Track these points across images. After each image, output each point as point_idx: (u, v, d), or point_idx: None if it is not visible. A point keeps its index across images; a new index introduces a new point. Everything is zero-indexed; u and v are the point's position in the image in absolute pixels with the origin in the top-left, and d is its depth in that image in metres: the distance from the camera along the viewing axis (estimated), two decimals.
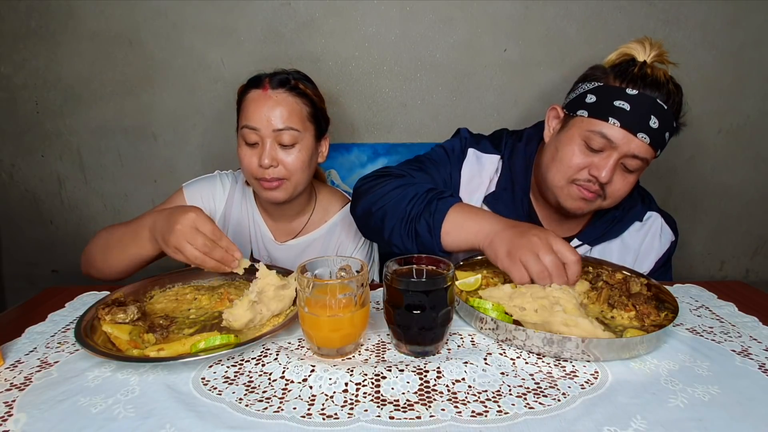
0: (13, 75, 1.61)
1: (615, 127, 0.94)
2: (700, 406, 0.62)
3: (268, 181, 1.10)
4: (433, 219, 0.93)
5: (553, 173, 1.04)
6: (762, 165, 1.74)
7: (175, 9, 1.55)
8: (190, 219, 0.86)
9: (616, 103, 0.94)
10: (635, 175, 1.00)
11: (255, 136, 1.09)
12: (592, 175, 0.98)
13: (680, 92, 0.97)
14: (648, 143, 0.94)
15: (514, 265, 0.82)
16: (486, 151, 1.16)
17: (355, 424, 0.58)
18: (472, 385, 0.66)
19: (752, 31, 1.59)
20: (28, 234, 1.76)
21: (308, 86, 1.15)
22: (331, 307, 0.70)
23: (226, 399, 0.63)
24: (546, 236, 0.83)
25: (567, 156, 1.00)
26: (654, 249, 1.13)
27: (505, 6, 1.56)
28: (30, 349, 0.76)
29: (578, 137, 0.99)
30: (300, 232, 1.25)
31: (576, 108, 1.00)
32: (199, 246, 0.85)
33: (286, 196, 1.13)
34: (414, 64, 1.61)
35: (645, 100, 0.93)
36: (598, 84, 0.98)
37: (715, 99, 1.66)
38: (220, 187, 1.23)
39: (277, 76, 1.12)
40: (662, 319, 0.80)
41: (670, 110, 0.94)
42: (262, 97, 1.09)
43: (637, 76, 0.95)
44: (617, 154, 0.96)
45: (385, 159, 1.68)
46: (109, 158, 1.69)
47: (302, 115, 1.11)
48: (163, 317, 0.84)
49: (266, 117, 1.08)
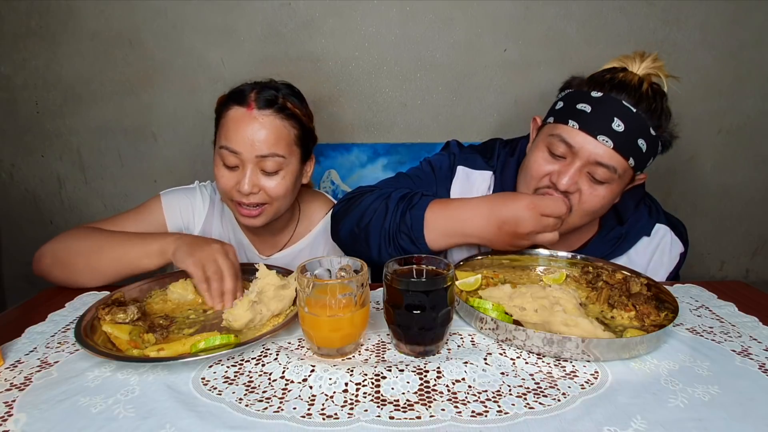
0: (13, 75, 1.61)
1: (574, 129, 0.90)
2: (700, 406, 0.62)
3: (246, 206, 1.02)
4: (412, 232, 0.91)
5: (521, 184, 1.01)
6: (762, 165, 1.74)
7: (175, 9, 1.55)
8: (231, 249, 0.91)
9: (579, 105, 0.91)
10: (607, 188, 0.92)
11: (235, 159, 0.99)
12: (552, 182, 0.93)
13: (660, 98, 0.91)
14: (612, 147, 0.88)
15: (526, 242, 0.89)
16: (476, 167, 1.11)
17: (355, 424, 0.58)
18: (472, 385, 0.66)
19: (752, 31, 1.59)
20: (28, 234, 1.76)
21: (297, 105, 1.05)
22: (331, 307, 0.70)
23: (226, 399, 0.63)
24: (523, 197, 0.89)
25: (530, 164, 0.97)
26: (664, 265, 1.07)
27: (505, 6, 1.56)
28: (30, 349, 0.76)
29: (542, 144, 0.96)
30: (285, 245, 1.20)
31: (547, 116, 0.99)
32: (222, 266, 0.87)
33: (266, 222, 1.06)
34: (414, 64, 1.61)
35: (608, 101, 0.88)
36: (568, 90, 0.96)
37: (715, 99, 1.66)
38: (200, 200, 1.16)
39: (263, 93, 1.01)
40: (662, 319, 0.80)
41: (640, 114, 0.88)
42: (245, 117, 0.98)
43: (604, 79, 0.91)
44: (579, 161, 0.91)
45: (385, 159, 1.68)
46: (109, 158, 1.69)
47: (289, 140, 1.02)
48: (163, 317, 0.84)
49: (249, 141, 0.97)
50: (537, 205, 0.88)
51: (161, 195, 1.15)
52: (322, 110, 1.64)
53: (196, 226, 1.16)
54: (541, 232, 0.89)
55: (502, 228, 0.89)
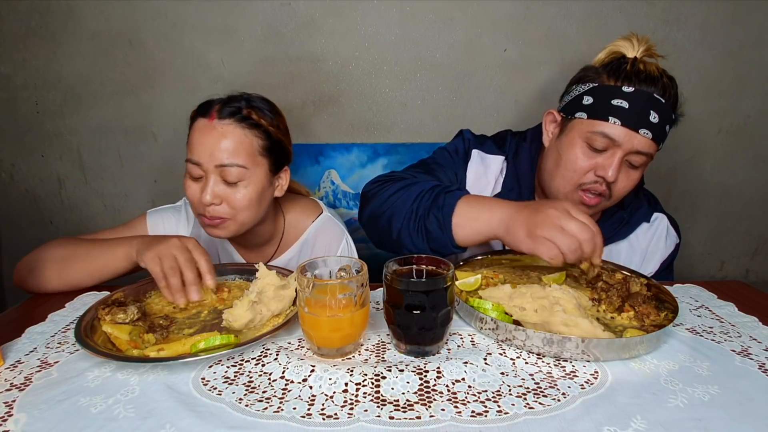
0: (13, 75, 1.61)
1: (616, 126, 0.94)
2: (700, 406, 0.62)
3: (208, 218, 1.02)
4: (442, 214, 0.91)
5: (558, 180, 1.02)
6: (762, 165, 1.74)
7: (175, 9, 1.55)
8: (190, 241, 0.88)
9: (614, 102, 0.94)
10: (639, 171, 0.99)
11: (198, 170, 1.00)
12: (599, 175, 0.97)
13: (674, 84, 0.97)
14: (650, 138, 0.94)
15: (540, 245, 0.79)
16: (490, 152, 1.15)
17: (355, 424, 0.58)
18: (472, 385, 0.66)
19: (752, 31, 1.59)
20: (28, 234, 1.76)
21: (264, 116, 1.04)
22: (331, 307, 0.70)
23: (226, 399, 0.63)
24: (562, 206, 0.81)
25: (571, 160, 0.99)
26: (660, 250, 1.14)
27: (505, 6, 1.56)
28: (30, 349, 0.76)
29: (580, 140, 0.98)
30: (273, 256, 1.20)
31: (574, 111, 1.00)
32: (180, 259, 0.85)
33: (229, 235, 1.05)
34: (414, 64, 1.61)
35: (642, 96, 0.93)
36: (593, 85, 0.98)
37: (715, 99, 1.66)
38: (184, 217, 1.17)
39: (228, 104, 1.01)
40: (662, 319, 0.80)
41: (668, 103, 0.95)
42: (206, 127, 0.99)
43: (631, 73, 0.95)
44: (621, 151, 0.95)
45: (385, 159, 1.68)
46: (109, 158, 1.69)
47: (251, 150, 1.01)
48: (163, 317, 0.84)
49: (209, 150, 0.98)
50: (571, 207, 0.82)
51: (147, 214, 1.15)
52: (322, 110, 1.64)
53: None
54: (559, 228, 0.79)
55: (529, 207, 0.85)
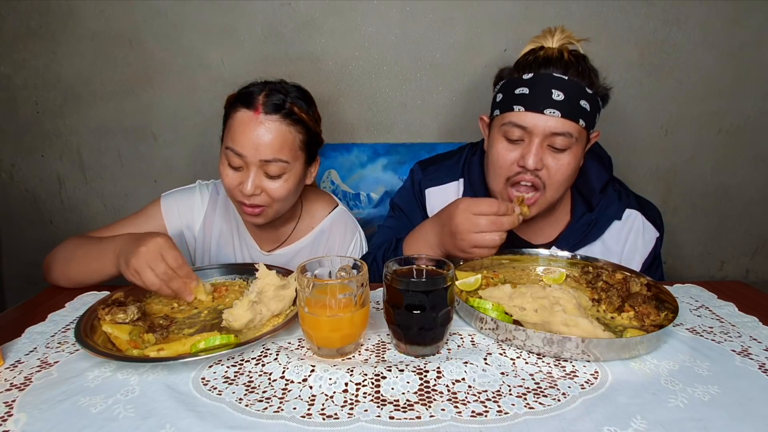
0: (13, 75, 1.61)
1: (521, 112, 0.96)
2: (700, 406, 0.62)
3: (248, 206, 1.04)
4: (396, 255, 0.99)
5: (491, 179, 1.06)
6: (762, 165, 1.74)
7: (175, 9, 1.55)
8: (156, 244, 0.86)
9: (517, 91, 0.97)
10: (569, 154, 0.98)
11: (239, 161, 1.01)
12: (521, 165, 0.98)
13: (582, 60, 0.97)
14: (560, 116, 0.94)
15: (473, 254, 0.92)
16: (443, 181, 1.19)
17: (355, 424, 0.58)
18: (472, 385, 0.66)
19: (752, 31, 1.59)
20: (28, 234, 1.76)
21: (305, 109, 1.05)
22: (331, 307, 0.70)
23: (226, 399, 0.63)
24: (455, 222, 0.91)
25: (494, 156, 1.02)
26: (638, 250, 1.11)
27: (505, 6, 1.56)
28: (30, 349, 0.76)
29: (499, 135, 1.01)
30: (286, 240, 1.21)
31: (492, 110, 1.05)
32: (159, 273, 0.85)
33: (267, 221, 1.08)
34: (414, 64, 1.61)
35: (542, 79, 0.95)
36: (502, 82, 1.02)
37: (715, 99, 1.66)
38: (198, 199, 1.19)
39: (272, 97, 1.01)
40: (662, 319, 0.80)
41: (574, 79, 0.95)
42: (252, 121, 0.99)
43: (529, 61, 0.98)
44: (537, 137, 0.96)
45: (385, 159, 1.68)
46: (109, 158, 1.69)
47: (294, 146, 1.03)
48: (163, 317, 0.84)
49: (254, 145, 0.98)
50: (468, 205, 0.92)
51: (161, 198, 1.17)
52: (322, 110, 1.61)
53: (195, 223, 1.18)
54: (478, 233, 0.90)
55: (444, 229, 0.95)
